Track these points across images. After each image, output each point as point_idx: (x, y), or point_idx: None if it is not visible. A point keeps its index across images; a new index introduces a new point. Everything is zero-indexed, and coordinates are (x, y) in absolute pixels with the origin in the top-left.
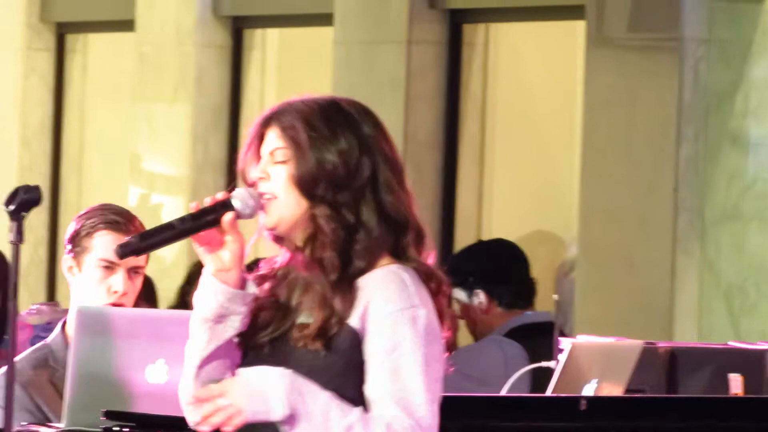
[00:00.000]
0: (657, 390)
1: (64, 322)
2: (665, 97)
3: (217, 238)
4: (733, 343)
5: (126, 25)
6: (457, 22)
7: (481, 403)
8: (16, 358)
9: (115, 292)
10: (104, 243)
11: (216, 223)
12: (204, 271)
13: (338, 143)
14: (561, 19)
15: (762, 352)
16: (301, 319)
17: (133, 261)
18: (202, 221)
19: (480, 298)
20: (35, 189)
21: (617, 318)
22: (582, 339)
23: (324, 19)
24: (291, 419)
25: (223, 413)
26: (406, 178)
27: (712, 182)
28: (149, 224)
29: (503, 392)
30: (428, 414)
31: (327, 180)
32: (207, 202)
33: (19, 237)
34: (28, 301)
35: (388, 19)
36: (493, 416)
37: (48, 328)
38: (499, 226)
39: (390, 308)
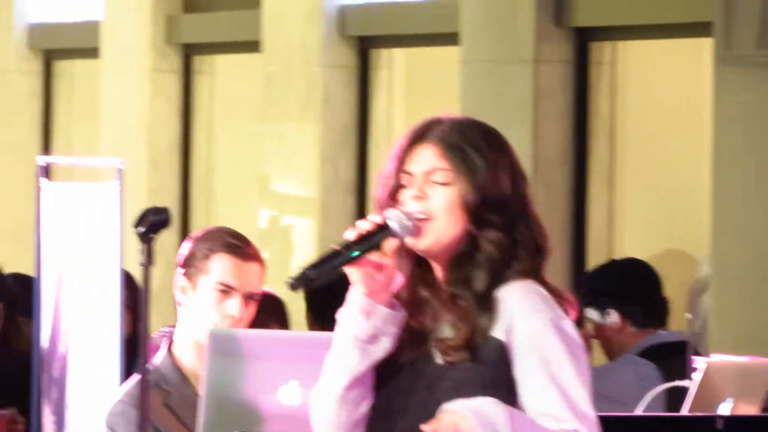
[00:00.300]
0: None
1: (171, 343)
2: None
3: (371, 260)
4: None
5: (252, 46)
6: (584, 40)
7: (616, 422)
8: (125, 384)
9: (230, 316)
10: (223, 266)
11: (378, 247)
12: (353, 291)
13: (502, 165)
14: (688, 36)
15: None
16: (442, 333)
17: (249, 286)
18: (367, 246)
19: (613, 317)
20: (164, 211)
21: (752, 336)
22: (716, 358)
23: (450, 38)
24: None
25: None
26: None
27: None
28: (280, 245)
29: (638, 411)
30: (592, 422)
31: (494, 203)
32: (365, 226)
33: (148, 259)
34: (159, 323)
35: (515, 38)
36: None
37: None
38: (630, 245)
39: (538, 321)
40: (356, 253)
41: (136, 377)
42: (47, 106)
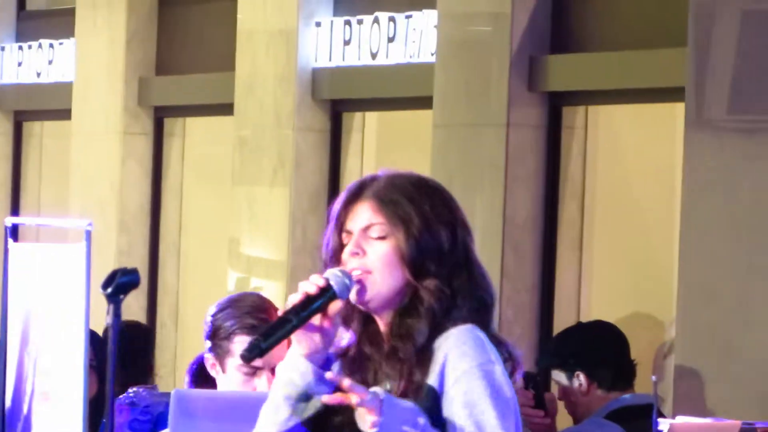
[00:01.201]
0: None
1: None
2: (766, 178)
3: (314, 323)
4: None
5: (225, 108)
6: (556, 104)
7: None
8: None
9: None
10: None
11: (323, 310)
12: (292, 349)
13: (440, 218)
14: (660, 101)
15: None
16: (383, 387)
17: (275, 359)
18: (312, 310)
19: (580, 380)
20: (133, 272)
21: (716, 399)
22: (681, 420)
23: (423, 102)
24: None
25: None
26: None
27: None
28: None
29: None
30: None
31: (431, 253)
32: (309, 289)
33: (116, 319)
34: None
35: (488, 102)
36: None
37: (146, 411)
38: (598, 308)
39: (465, 364)
40: (301, 318)
41: None
42: (17, 168)
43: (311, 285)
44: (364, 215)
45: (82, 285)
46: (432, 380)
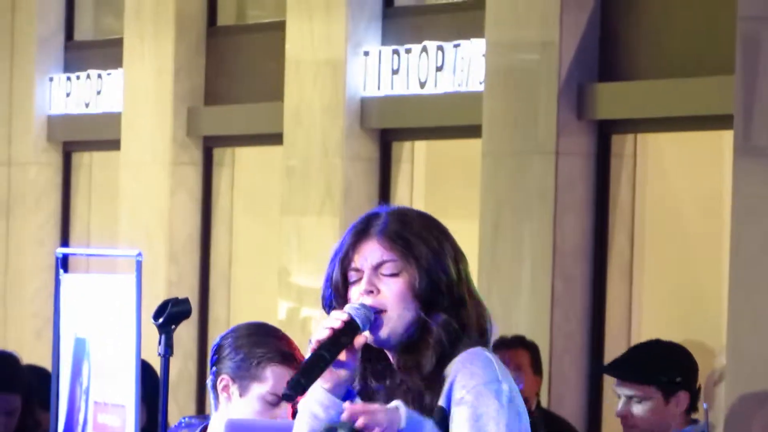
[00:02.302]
0: None
1: None
2: None
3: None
4: None
5: (273, 138)
6: (605, 132)
7: None
8: None
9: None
10: (278, 377)
11: (350, 344)
12: (315, 384)
13: (445, 250)
14: (709, 128)
15: None
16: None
17: None
18: (341, 345)
19: (679, 399)
20: (185, 302)
21: (767, 427)
22: None
23: (472, 131)
24: None
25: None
26: None
27: None
28: (299, 336)
29: None
30: None
31: (441, 286)
32: (335, 324)
33: (167, 350)
34: (177, 414)
35: (536, 131)
36: None
37: None
38: (648, 336)
39: (475, 382)
40: (333, 354)
41: None
42: (66, 198)
43: (336, 321)
44: (376, 253)
45: (132, 315)
46: (441, 401)
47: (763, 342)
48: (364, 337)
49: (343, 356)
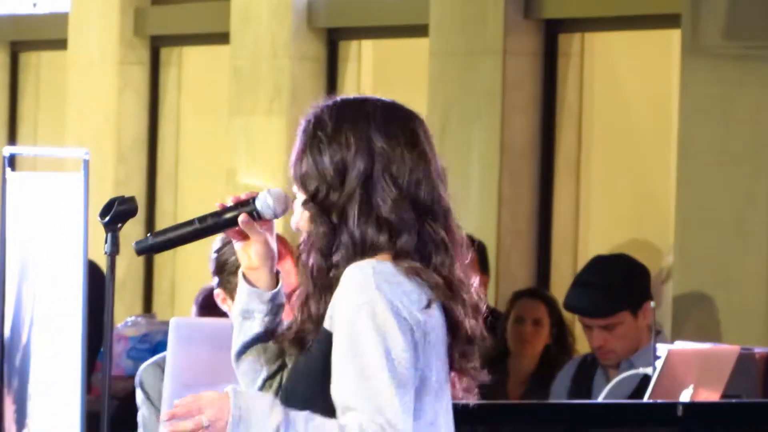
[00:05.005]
0: (753, 395)
1: None
2: (762, 105)
3: (240, 236)
4: None
5: (220, 38)
6: (552, 32)
7: (578, 410)
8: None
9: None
10: None
11: (234, 223)
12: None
13: (338, 144)
14: (656, 28)
15: None
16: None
17: (286, 289)
18: (222, 220)
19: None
20: (130, 200)
21: (714, 324)
22: (679, 345)
23: (419, 30)
24: None
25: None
26: (431, 194)
27: None
28: None
29: (601, 398)
30: (397, 413)
31: (319, 179)
32: (230, 201)
33: (114, 248)
34: (124, 313)
35: (484, 30)
36: (590, 423)
37: (145, 339)
38: (595, 235)
39: (347, 305)
40: (207, 226)
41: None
42: (13, 98)
43: (232, 198)
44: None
45: (80, 214)
46: (327, 323)
47: (710, 240)
48: (246, 217)
49: (239, 235)
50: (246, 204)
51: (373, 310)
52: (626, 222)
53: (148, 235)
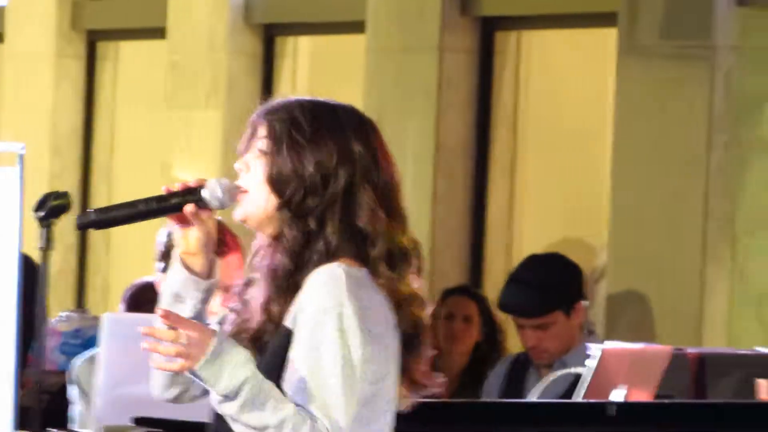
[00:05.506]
0: (686, 396)
1: None
2: (697, 105)
3: (182, 220)
4: (761, 349)
5: (157, 32)
6: (489, 29)
7: (510, 409)
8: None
9: (212, 314)
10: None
11: (179, 209)
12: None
13: (318, 149)
14: (593, 26)
15: None
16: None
17: (228, 280)
18: (166, 205)
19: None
20: (65, 195)
21: (647, 324)
22: (612, 345)
23: (356, 26)
24: (226, 397)
25: (174, 348)
26: (397, 201)
27: (742, 190)
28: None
29: (532, 398)
30: (344, 416)
31: (298, 183)
32: (177, 186)
33: (48, 243)
34: (56, 308)
35: (421, 27)
36: (521, 422)
37: (77, 335)
38: (529, 234)
39: (315, 307)
40: (151, 208)
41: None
42: None
43: (181, 183)
44: (260, 131)
45: (15, 209)
46: (288, 321)
47: (644, 240)
48: (193, 208)
49: (180, 221)
50: (193, 191)
51: (341, 316)
52: (560, 221)
53: (91, 210)
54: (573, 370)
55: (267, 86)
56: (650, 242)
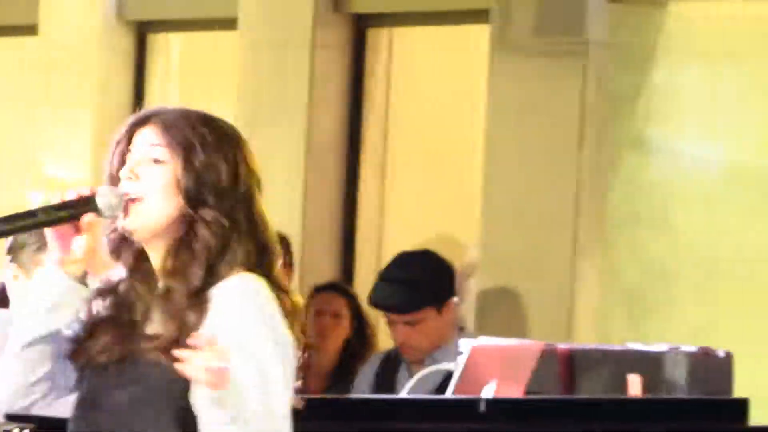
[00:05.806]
0: (556, 391)
1: None
2: (568, 102)
3: (69, 229)
4: (632, 345)
5: (29, 29)
6: (361, 26)
7: (381, 405)
8: None
9: None
10: None
11: (76, 218)
12: (49, 254)
13: (225, 155)
14: (466, 23)
15: (660, 353)
16: (152, 329)
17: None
18: (63, 215)
19: (454, 305)
20: None
21: (518, 320)
22: (482, 341)
23: (228, 23)
24: None
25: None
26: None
27: (613, 187)
28: None
29: (402, 394)
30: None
31: (211, 188)
32: (71, 195)
33: None
34: None
35: (293, 23)
36: (392, 418)
37: None
38: (400, 231)
39: (244, 317)
40: (50, 218)
41: None
42: None
43: (76, 193)
44: (147, 138)
45: None
46: (205, 330)
47: (516, 237)
48: (92, 217)
49: (71, 230)
50: (88, 200)
51: (273, 325)
52: (431, 218)
53: None
54: (444, 366)
55: (139, 84)
56: (521, 239)
